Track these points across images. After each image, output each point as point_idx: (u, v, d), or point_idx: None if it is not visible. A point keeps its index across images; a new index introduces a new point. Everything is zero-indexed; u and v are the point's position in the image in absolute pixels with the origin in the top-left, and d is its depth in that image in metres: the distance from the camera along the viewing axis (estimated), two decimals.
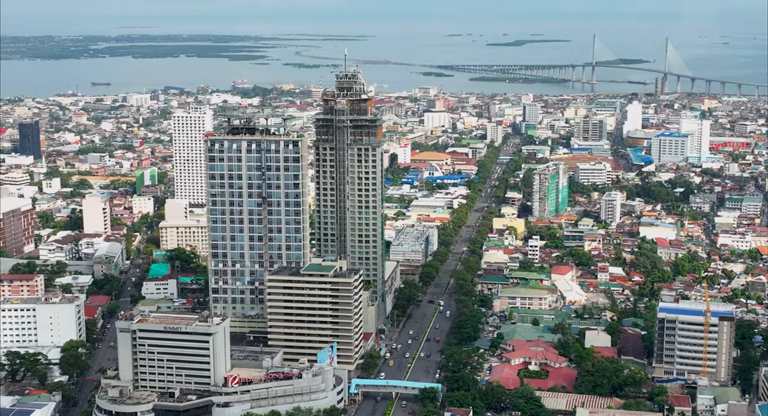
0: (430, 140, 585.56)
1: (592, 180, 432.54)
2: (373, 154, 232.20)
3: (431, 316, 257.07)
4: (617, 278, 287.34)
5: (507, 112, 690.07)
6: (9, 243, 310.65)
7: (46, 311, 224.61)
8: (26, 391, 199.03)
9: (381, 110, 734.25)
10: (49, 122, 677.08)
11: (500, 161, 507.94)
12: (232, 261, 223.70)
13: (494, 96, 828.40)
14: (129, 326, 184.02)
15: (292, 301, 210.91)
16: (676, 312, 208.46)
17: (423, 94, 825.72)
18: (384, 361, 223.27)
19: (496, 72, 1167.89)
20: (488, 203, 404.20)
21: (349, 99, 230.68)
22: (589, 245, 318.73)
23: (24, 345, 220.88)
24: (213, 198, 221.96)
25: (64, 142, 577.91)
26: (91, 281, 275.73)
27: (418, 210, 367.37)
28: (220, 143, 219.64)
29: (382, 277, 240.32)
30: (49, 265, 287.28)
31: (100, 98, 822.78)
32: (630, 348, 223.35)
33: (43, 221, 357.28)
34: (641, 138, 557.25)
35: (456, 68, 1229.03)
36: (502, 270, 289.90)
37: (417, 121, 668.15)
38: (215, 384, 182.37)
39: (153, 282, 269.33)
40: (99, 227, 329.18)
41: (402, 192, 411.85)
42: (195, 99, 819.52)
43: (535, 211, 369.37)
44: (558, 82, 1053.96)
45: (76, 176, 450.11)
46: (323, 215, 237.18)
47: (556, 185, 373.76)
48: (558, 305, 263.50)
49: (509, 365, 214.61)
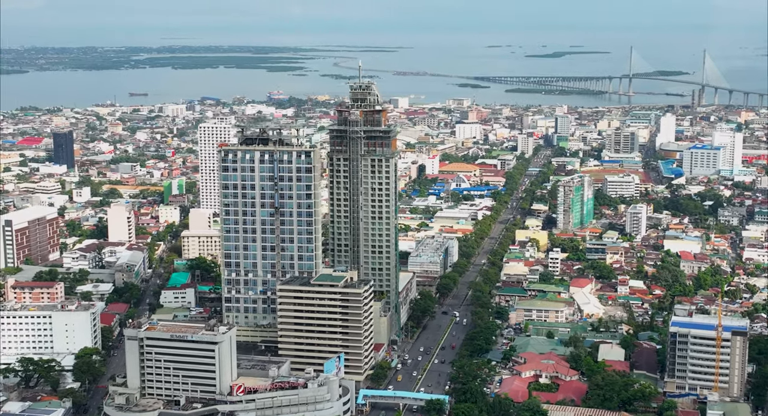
0: (461, 151, 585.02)
1: (620, 193, 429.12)
2: (386, 165, 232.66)
3: (446, 328, 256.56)
4: (637, 292, 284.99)
5: (540, 123, 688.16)
6: (34, 251, 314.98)
7: (61, 318, 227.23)
8: (38, 397, 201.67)
9: (414, 121, 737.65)
10: (85, 132, 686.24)
11: (529, 173, 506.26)
12: (245, 271, 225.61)
13: (528, 108, 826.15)
14: (136, 334, 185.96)
15: (303, 311, 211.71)
16: (689, 326, 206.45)
17: (457, 106, 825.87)
18: (395, 372, 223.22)
19: (533, 84, 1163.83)
20: (514, 215, 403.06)
21: (362, 110, 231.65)
22: (611, 258, 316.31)
23: (40, 352, 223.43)
24: (226, 208, 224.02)
25: (98, 151, 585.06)
26: (112, 289, 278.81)
27: (441, 221, 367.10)
28: (233, 153, 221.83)
29: (395, 288, 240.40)
30: (72, 273, 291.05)
31: (137, 109, 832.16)
32: (643, 362, 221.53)
33: (69, 229, 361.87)
34: (674, 150, 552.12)
35: (492, 80, 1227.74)
36: (521, 282, 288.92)
37: (448, 132, 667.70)
38: (221, 392, 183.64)
39: (171, 291, 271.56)
40: (123, 235, 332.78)
41: (428, 203, 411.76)
42: (230, 110, 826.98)
43: (560, 223, 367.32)
44: (595, 94, 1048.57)
45: (106, 186, 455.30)
46: (337, 225, 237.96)
47: (581, 197, 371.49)
48: (575, 318, 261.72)
49: (520, 378, 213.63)
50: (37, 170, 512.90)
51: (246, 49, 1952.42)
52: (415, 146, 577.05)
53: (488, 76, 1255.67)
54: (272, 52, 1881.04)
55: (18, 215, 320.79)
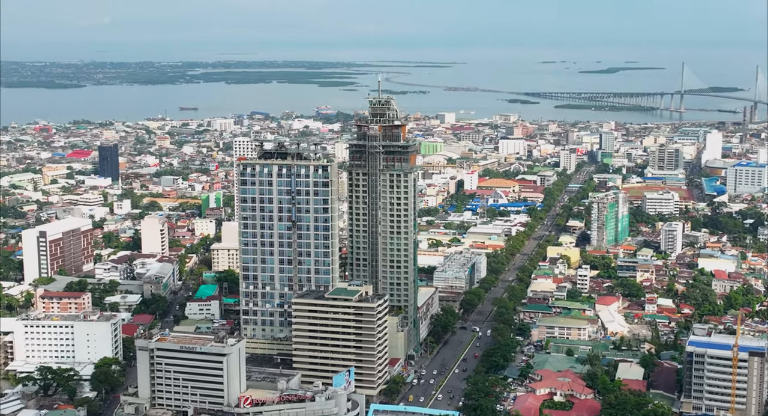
0: (503, 167, 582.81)
1: (659, 210, 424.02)
2: (405, 180, 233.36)
3: (467, 343, 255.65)
4: (665, 310, 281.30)
5: (585, 140, 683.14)
6: (68, 262, 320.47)
7: (83, 328, 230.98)
8: (55, 405, 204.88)
9: (459, 136, 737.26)
10: (133, 145, 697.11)
11: (569, 190, 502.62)
12: (262, 284, 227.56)
13: (576, 124, 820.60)
14: (147, 344, 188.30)
15: (317, 324, 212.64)
16: (706, 345, 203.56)
17: (503, 121, 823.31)
18: (410, 387, 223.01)
19: (583, 99, 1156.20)
20: (549, 232, 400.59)
21: (381, 125, 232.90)
22: (641, 275, 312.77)
23: (62, 361, 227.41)
24: (245, 221, 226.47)
25: (143, 164, 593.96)
26: (140, 301, 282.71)
27: (473, 237, 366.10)
28: (251, 167, 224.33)
29: (414, 303, 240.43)
30: (102, 284, 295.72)
31: (186, 123, 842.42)
32: (662, 382, 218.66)
33: (106, 240, 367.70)
34: (719, 168, 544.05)
35: (542, 95, 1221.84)
36: (547, 299, 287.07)
37: (492, 148, 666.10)
38: (228, 404, 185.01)
39: (196, 303, 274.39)
40: (156, 247, 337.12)
41: (463, 219, 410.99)
42: (278, 124, 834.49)
43: (593, 240, 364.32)
44: (645, 110, 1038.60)
45: (147, 198, 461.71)
46: (355, 239, 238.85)
47: (616, 214, 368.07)
48: (598, 335, 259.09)
49: (534, 395, 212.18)
50: (82, 182, 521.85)
51: (300, 64, 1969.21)
52: (455, 161, 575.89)
53: (539, 91, 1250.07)
54: (326, 68, 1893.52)
55: (52, 227, 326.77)
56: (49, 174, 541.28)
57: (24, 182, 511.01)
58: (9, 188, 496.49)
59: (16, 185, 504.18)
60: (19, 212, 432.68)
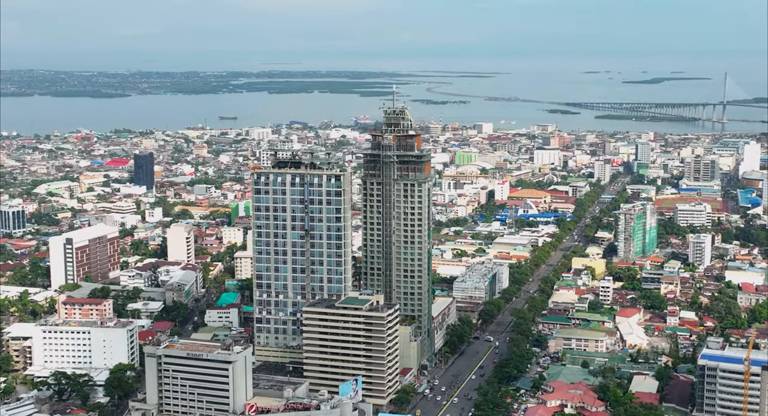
0: (537, 177, 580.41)
1: (690, 221, 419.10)
2: (419, 189, 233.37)
3: (483, 354, 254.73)
4: (687, 323, 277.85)
5: (622, 150, 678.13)
6: (94, 269, 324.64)
7: (100, 334, 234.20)
8: (68, 410, 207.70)
9: (495, 146, 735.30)
10: (171, 154, 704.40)
11: (602, 200, 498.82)
12: (275, 292, 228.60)
13: (614, 134, 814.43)
14: (155, 351, 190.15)
15: (327, 333, 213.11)
16: (718, 359, 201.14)
17: (540, 132, 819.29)
18: (422, 397, 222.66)
19: (625, 110, 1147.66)
20: (577, 242, 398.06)
21: (395, 135, 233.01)
22: (665, 288, 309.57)
23: (79, 366, 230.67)
24: (258, 230, 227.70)
25: (179, 173, 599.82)
26: (161, 308, 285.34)
27: (498, 247, 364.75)
28: (265, 176, 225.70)
29: (428, 313, 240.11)
30: (125, 291, 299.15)
31: (225, 132, 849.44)
32: (675, 395, 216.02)
33: (134, 248, 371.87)
34: (756, 179, 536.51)
35: (583, 105, 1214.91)
36: (568, 310, 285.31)
37: (527, 158, 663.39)
38: (234, 411, 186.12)
39: (216, 311, 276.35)
40: (182, 255, 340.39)
41: (491, 229, 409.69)
42: (315, 134, 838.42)
43: (620, 251, 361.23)
44: (687, 121, 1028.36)
45: (179, 207, 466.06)
46: (369, 249, 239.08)
47: (643, 225, 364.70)
48: (616, 347, 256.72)
49: (544, 407, 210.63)
50: (118, 190, 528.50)
51: (343, 74, 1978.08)
52: (488, 171, 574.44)
53: (580, 102, 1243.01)
54: (368, 78, 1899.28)
55: (79, 234, 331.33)
56: (86, 182, 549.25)
57: (60, 190, 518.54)
58: (46, 195, 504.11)
59: (52, 192, 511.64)
60: (53, 219, 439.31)
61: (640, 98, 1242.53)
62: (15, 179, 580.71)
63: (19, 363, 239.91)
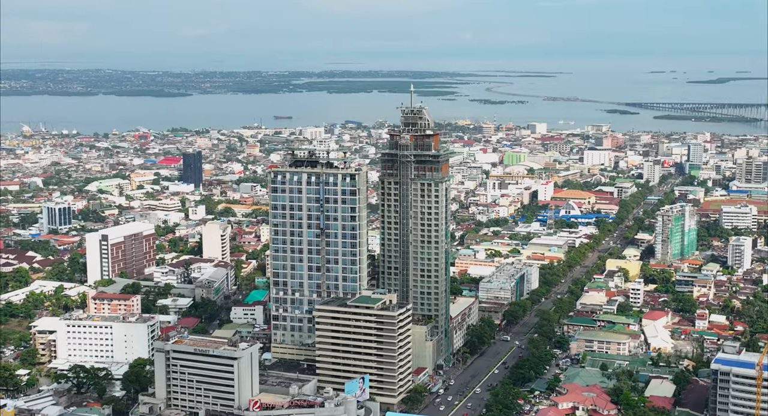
0: (585, 178, 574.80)
1: (735, 224, 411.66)
2: (436, 189, 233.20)
3: (503, 355, 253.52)
4: (716, 327, 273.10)
5: (675, 151, 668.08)
6: (129, 265, 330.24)
7: (121, 329, 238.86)
8: (84, 403, 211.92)
9: (547, 146, 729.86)
10: (224, 153, 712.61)
11: (648, 202, 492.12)
12: (291, 290, 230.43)
13: (670, 135, 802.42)
14: (164, 346, 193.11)
15: (339, 331, 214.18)
16: (732, 363, 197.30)
17: (595, 132, 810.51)
18: (436, 397, 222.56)
19: (685, 110, 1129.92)
20: (616, 244, 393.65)
21: (413, 134, 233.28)
22: (698, 291, 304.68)
23: (101, 360, 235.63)
24: (275, 228, 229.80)
25: (229, 171, 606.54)
26: (190, 304, 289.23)
27: (533, 248, 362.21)
28: (282, 174, 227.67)
29: (445, 313, 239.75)
30: (157, 287, 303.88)
31: (279, 131, 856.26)
32: (691, 400, 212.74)
33: (171, 245, 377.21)
34: None
35: (644, 106, 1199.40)
36: (595, 312, 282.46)
37: (577, 158, 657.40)
38: (238, 407, 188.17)
39: (241, 308, 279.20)
40: (217, 252, 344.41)
41: (530, 230, 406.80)
42: (368, 133, 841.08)
43: (657, 253, 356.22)
44: (748, 122, 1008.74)
45: (222, 205, 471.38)
46: (387, 248, 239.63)
47: (681, 227, 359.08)
48: (639, 350, 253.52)
49: (556, 409, 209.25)
50: (166, 188, 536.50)
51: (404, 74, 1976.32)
52: (535, 171, 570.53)
53: (640, 102, 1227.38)
54: (429, 77, 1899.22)
55: (114, 231, 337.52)
56: (137, 180, 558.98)
57: (111, 188, 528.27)
58: (96, 192, 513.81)
59: (102, 190, 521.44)
60: (99, 216, 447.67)
61: (702, 99, 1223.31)
62: (69, 176, 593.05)
63: (45, 356, 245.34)
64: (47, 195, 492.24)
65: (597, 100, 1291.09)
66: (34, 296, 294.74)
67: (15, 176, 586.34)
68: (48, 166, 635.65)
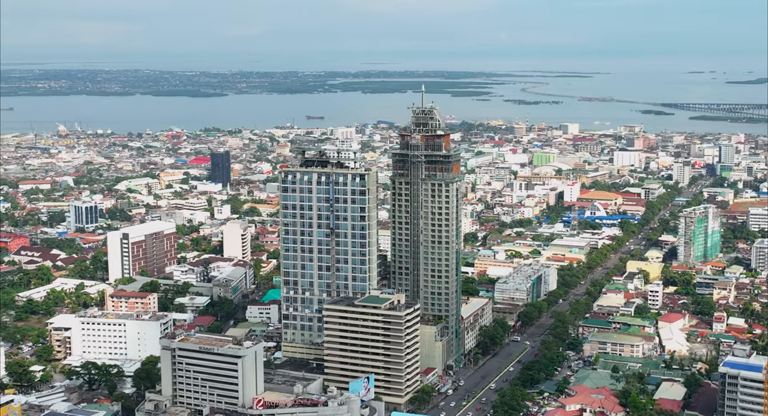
0: (614, 179, 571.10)
1: (762, 226, 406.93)
2: (446, 189, 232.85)
3: (516, 356, 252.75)
4: (734, 330, 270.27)
5: (707, 152, 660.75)
6: (150, 263, 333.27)
7: (134, 327, 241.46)
8: (95, 399, 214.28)
9: (578, 147, 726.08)
10: (254, 153, 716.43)
11: (676, 203, 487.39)
12: (302, 289, 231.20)
13: (704, 136, 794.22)
14: (170, 344, 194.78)
15: (347, 331, 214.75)
16: (740, 367, 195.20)
17: (627, 133, 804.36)
18: (444, 397, 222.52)
19: (722, 111, 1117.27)
20: (640, 245, 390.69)
21: (424, 135, 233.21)
22: (717, 293, 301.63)
23: (115, 357, 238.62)
24: (286, 227, 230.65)
25: (258, 171, 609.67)
26: (207, 303, 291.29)
27: (554, 249, 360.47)
28: (293, 174, 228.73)
29: (456, 313, 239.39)
30: (175, 285, 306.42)
31: (311, 131, 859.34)
32: (701, 403, 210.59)
33: (194, 244, 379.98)
34: None
35: (680, 106, 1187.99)
36: (611, 314, 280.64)
37: (607, 159, 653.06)
38: (242, 405, 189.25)
39: (257, 307, 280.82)
40: (237, 252, 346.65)
41: (553, 231, 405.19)
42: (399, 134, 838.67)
43: (680, 255, 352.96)
44: None
45: (248, 204, 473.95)
46: (397, 248, 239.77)
47: (705, 229, 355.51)
48: (653, 353, 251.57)
49: (563, 410, 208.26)
50: (195, 187, 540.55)
51: (439, 74, 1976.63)
52: (563, 172, 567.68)
53: (676, 102, 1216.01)
54: (464, 77, 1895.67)
55: (135, 229, 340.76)
56: (166, 179, 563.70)
57: (140, 187, 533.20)
58: (125, 191, 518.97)
59: (131, 189, 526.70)
60: (126, 214, 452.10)
61: (740, 99, 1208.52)
62: (101, 175, 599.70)
63: (61, 353, 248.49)
64: (77, 194, 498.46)
65: (633, 100, 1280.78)
66: (55, 294, 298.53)
67: (48, 175, 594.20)
68: (80, 165, 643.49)
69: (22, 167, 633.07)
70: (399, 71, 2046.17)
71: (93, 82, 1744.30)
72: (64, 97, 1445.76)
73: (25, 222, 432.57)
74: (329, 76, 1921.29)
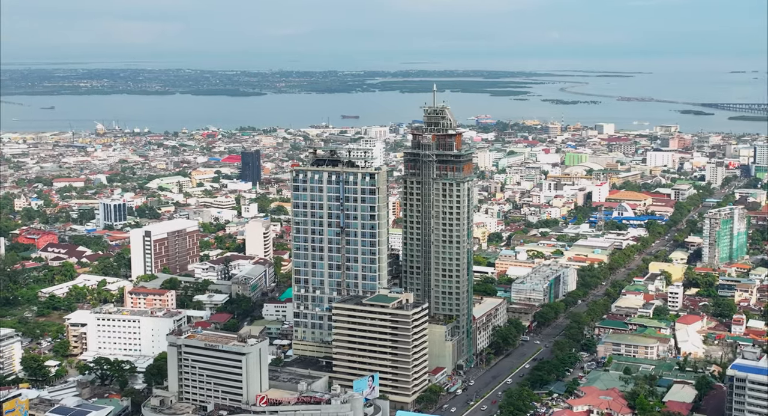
0: (646, 179, 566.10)
1: None
2: (457, 189, 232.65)
3: (529, 356, 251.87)
4: (753, 333, 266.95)
5: (742, 153, 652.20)
6: (172, 261, 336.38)
7: (148, 323, 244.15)
8: (106, 394, 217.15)
9: (612, 147, 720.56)
10: (287, 152, 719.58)
11: (706, 204, 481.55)
12: (312, 288, 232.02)
13: (742, 136, 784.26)
14: (176, 340, 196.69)
15: (355, 329, 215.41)
16: (749, 370, 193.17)
17: (663, 133, 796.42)
18: (453, 397, 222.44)
19: (762, 111, 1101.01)
20: (665, 246, 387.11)
21: (435, 134, 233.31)
22: (739, 295, 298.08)
23: (129, 353, 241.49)
24: (297, 226, 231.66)
25: (289, 170, 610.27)
26: (226, 300, 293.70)
27: (577, 250, 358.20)
28: (303, 173, 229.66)
29: (468, 313, 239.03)
30: (195, 283, 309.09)
31: (345, 130, 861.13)
32: (711, 406, 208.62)
33: (218, 241, 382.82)
34: None
35: (719, 106, 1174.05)
36: (629, 315, 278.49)
37: (640, 160, 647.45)
38: (246, 402, 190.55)
39: (273, 305, 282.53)
40: (259, 250, 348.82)
41: (578, 231, 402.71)
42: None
43: (705, 257, 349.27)
44: None
45: (276, 203, 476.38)
46: (409, 248, 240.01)
47: (730, 230, 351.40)
48: (668, 355, 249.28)
49: (570, 412, 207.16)
50: (225, 186, 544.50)
51: (479, 73, 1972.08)
52: (594, 172, 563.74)
53: (716, 102, 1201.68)
54: (503, 77, 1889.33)
55: (158, 227, 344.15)
56: (197, 178, 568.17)
57: (171, 185, 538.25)
58: (156, 190, 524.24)
59: (163, 187, 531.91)
60: (155, 212, 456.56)
61: None
62: (134, 173, 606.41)
63: (77, 349, 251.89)
64: (109, 192, 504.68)
65: (672, 100, 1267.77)
66: (77, 290, 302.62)
67: (82, 172, 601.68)
68: (115, 163, 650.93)
69: (58, 165, 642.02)
70: (438, 71, 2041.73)
71: (134, 82, 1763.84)
72: (106, 96, 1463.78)
73: (56, 219, 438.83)
74: (368, 76, 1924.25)
